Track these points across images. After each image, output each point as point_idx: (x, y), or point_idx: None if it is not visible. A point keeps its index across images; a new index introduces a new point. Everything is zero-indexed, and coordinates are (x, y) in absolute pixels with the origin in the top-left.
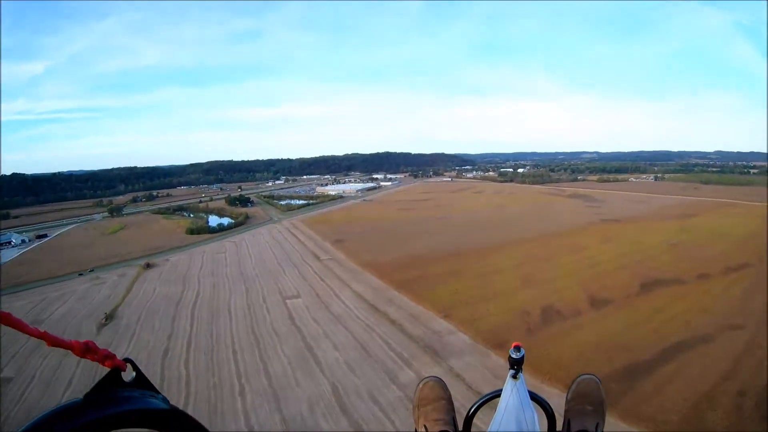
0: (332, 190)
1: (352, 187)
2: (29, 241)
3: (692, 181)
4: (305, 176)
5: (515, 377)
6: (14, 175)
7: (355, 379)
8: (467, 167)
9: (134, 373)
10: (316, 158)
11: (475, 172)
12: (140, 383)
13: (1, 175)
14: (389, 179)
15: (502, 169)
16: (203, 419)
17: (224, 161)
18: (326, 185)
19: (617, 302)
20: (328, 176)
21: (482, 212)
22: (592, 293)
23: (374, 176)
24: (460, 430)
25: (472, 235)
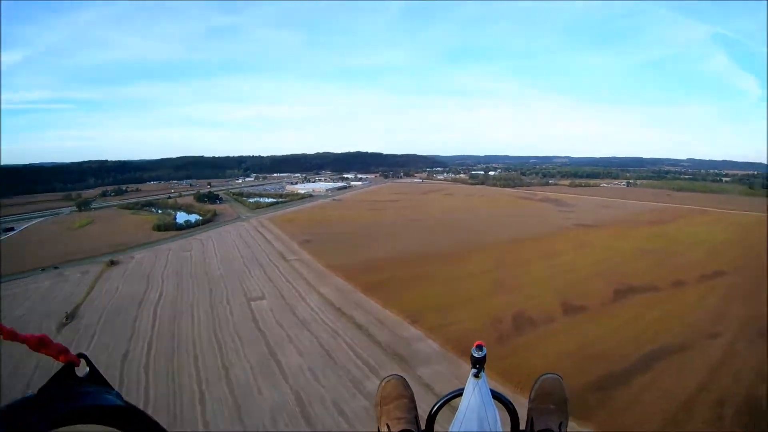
0: (302, 188)
1: (322, 186)
2: None
3: (665, 187)
4: (276, 174)
5: (477, 376)
6: None
7: (319, 387)
8: (438, 169)
9: (88, 368)
10: (287, 156)
11: (446, 174)
12: (94, 379)
13: None
14: (360, 179)
15: (473, 171)
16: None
17: (195, 157)
18: (296, 183)
19: (592, 309)
20: (298, 174)
21: (453, 215)
22: (565, 300)
23: (345, 176)
24: (422, 428)
25: (442, 237)
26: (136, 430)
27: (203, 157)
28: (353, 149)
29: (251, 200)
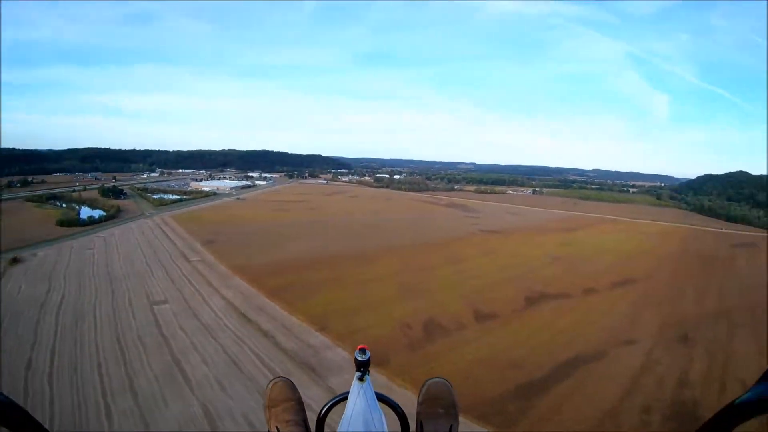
0: (206, 186)
1: (226, 184)
2: None
3: (571, 196)
4: (181, 170)
5: (361, 380)
6: None
7: (227, 399)
8: (343, 170)
9: None
10: (192, 152)
11: (351, 176)
12: None
13: None
14: (264, 178)
15: (378, 174)
16: None
17: (101, 149)
18: (201, 180)
19: (503, 316)
20: (203, 171)
21: (358, 217)
22: (476, 306)
23: (250, 174)
24: (312, 431)
25: (348, 240)
26: (16, 427)
27: (109, 149)
28: (259, 147)
29: (155, 196)
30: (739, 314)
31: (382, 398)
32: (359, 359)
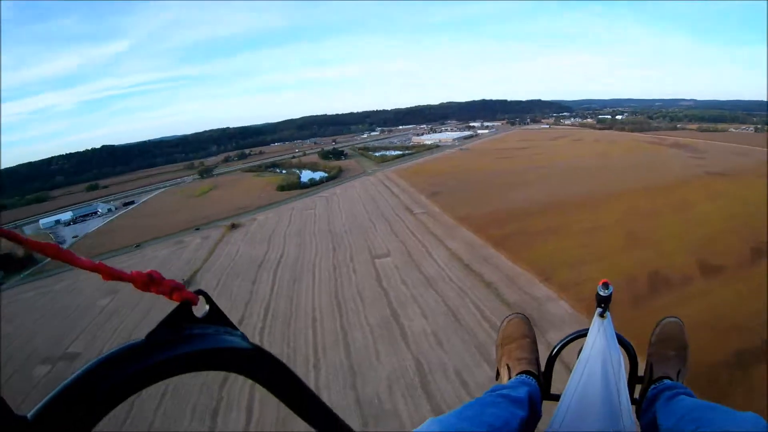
0: (428, 139)
1: (448, 135)
2: (115, 209)
3: None
4: (401, 126)
5: (602, 316)
6: (104, 147)
7: (442, 354)
8: (564, 114)
9: (207, 306)
10: (411, 108)
11: (572, 119)
12: (215, 318)
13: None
14: (486, 127)
15: (600, 116)
16: (272, 398)
17: (318, 116)
18: (422, 135)
19: (729, 270)
20: (424, 126)
21: (582, 161)
22: (701, 258)
23: (471, 124)
24: (542, 370)
25: (572, 185)
26: (262, 375)
27: (326, 115)
28: (477, 97)
29: (377, 154)
30: None
31: (618, 338)
32: (601, 294)
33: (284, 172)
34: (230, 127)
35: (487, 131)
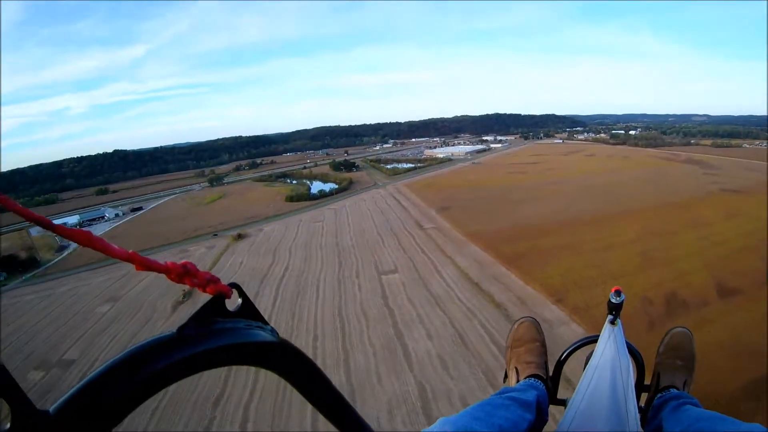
0: (441, 152)
1: (461, 149)
2: (123, 215)
3: None
4: (414, 139)
5: (613, 323)
6: (116, 151)
7: (447, 378)
8: (578, 129)
9: (240, 300)
10: (424, 121)
11: (586, 134)
12: (246, 312)
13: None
14: (499, 141)
15: (613, 131)
16: (267, 418)
17: (331, 126)
18: (435, 148)
19: (747, 292)
20: (437, 139)
21: (595, 177)
22: (719, 279)
23: (484, 138)
24: (550, 375)
25: (585, 202)
26: (290, 371)
27: (339, 126)
28: (491, 111)
29: (388, 166)
30: None
31: (627, 346)
32: (613, 301)
33: (294, 182)
34: (243, 135)
35: (500, 145)
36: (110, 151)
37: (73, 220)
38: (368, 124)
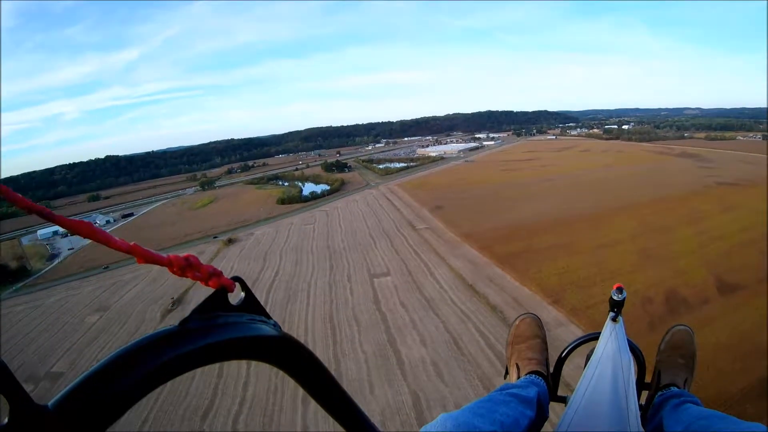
0: (433, 151)
1: (453, 147)
2: (114, 221)
3: None
4: (406, 138)
5: (615, 320)
6: (108, 157)
7: (442, 386)
8: (570, 124)
9: (243, 294)
10: (417, 120)
11: (579, 129)
12: (249, 307)
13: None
14: (492, 138)
15: (606, 126)
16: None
17: (323, 127)
18: (427, 146)
19: (749, 288)
20: (429, 137)
21: (590, 173)
22: (719, 275)
23: (476, 136)
24: (550, 371)
25: (580, 199)
26: (293, 366)
27: (331, 126)
28: (483, 108)
29: (381, 166)
30: None
31: (627, 342)
32: (615, 298)
33: (286, 184)
34: (235, 138)
35: (492, 142)
36: (102, 156)
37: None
38: (360, 124)
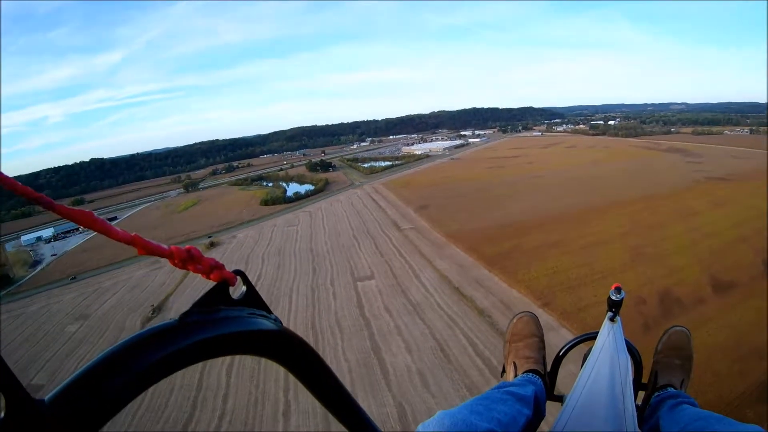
0: (418, 149)
1: (439, 145)
2: None
3: None
4: (392, 136)
5: (613, 320)
6: (92, 160)
7: (428, 396)
8: (556, 121)
9: (244, 288)
10: (402, 117)
11: (565, 125)
12: (250, 301)
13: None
14: (477, 135)
15: (592, 122)
16: None
17: (308, 127)
18: (412, 144)
19: (743, 286)
20: (414, 135)
21: (578, 169)
22: (713, 274)
23: (462, 133)
24: (548, 370)
25: (569, 196)
26: (294, 361)
27: (316, 126)
28: (469, 106)
29: (365, 165)
30: None
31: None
32: (613, 298)
33: (270, 185)
34: (220, 139)
35: (478, 139)
36: (87, 160)
37: (48, 233)
38: (346, 122)
